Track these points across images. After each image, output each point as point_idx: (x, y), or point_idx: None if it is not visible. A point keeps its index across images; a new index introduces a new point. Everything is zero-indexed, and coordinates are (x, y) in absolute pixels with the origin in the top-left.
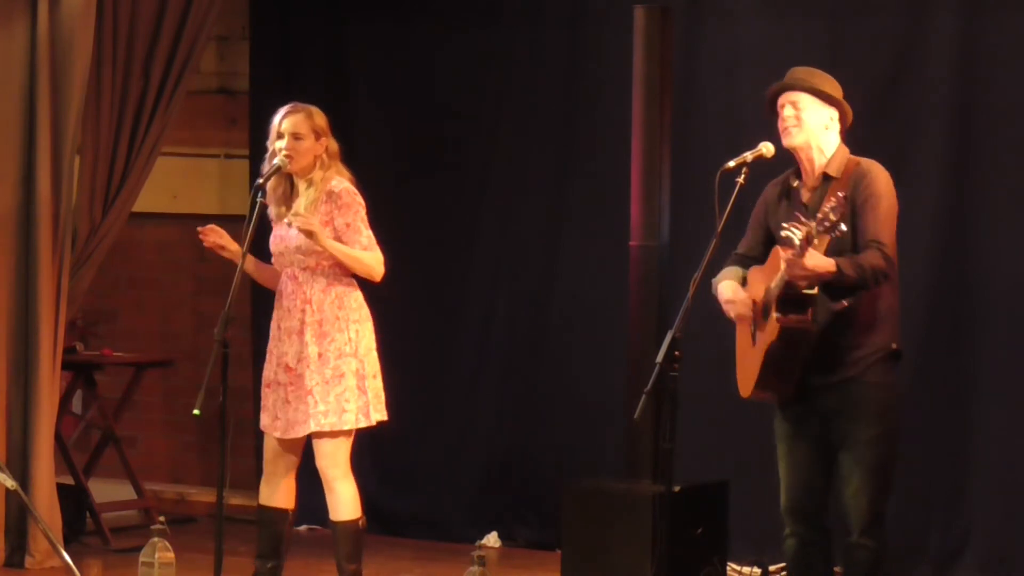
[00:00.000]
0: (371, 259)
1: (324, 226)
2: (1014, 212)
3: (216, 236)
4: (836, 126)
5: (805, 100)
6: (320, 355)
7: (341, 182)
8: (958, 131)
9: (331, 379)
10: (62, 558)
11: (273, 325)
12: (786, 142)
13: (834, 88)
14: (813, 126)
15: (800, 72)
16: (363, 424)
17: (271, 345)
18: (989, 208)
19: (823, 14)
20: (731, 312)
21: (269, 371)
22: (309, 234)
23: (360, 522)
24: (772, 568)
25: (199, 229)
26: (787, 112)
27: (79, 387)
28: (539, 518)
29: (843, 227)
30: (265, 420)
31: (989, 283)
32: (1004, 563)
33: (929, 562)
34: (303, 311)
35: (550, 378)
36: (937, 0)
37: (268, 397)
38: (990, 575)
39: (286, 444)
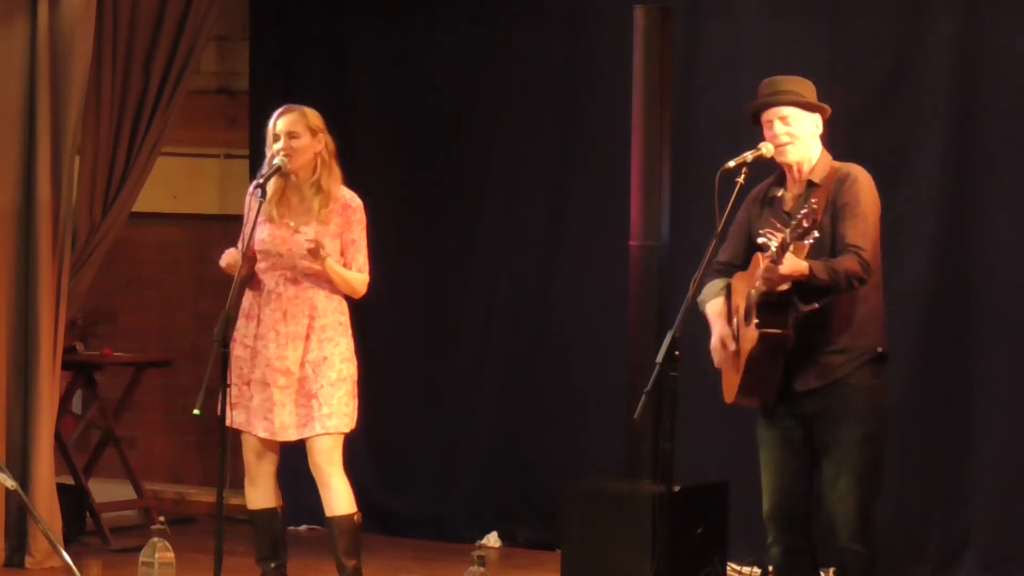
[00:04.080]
0: (359, 282)
1: (335, 237)
2: (1014, 213)
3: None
4: (820, 130)
5: (794, 114)
6: (325, 359)
7: (355, 197)
8: (958, 131)
9: (336, 382)
10: (62, 558)
11: (263, 324)
12: (781, 159)
13: (812, 92)
14: (806, 138)
15: (781, 84)
16: (352, 426)
17: (255, 344)
18: (989, 209)
19: (823, 14)
20: (716, 359)
21: (247, 368)
22: (314, 257)
23: (356, 517)
24: (771, 569)
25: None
26: (778, 129)
27: (79, 387)
28: (539, 518)
29: (816, 233)
30: (240, 417)
31: (988, 284)
32: (1004, 563)
33: (929, 562)
34: (310, 316)
35: (550, 378)
36: (937, 1)
37: (247, 396)
38: (990, 575)
39: (270, 444)
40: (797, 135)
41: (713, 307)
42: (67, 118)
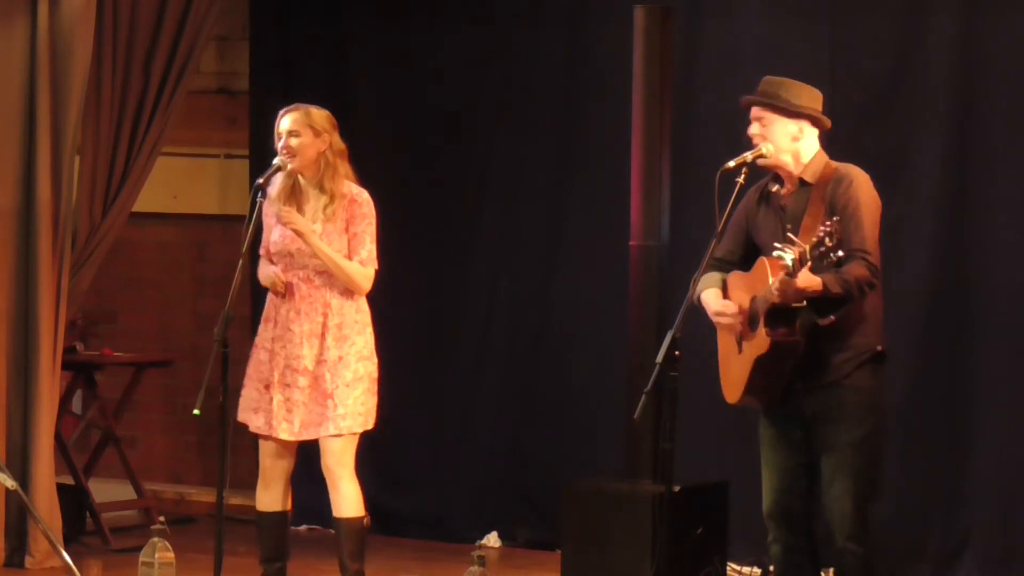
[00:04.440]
0: (357, 272)
1: (343, 232)
2: (1014, 213)
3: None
4: (809, 134)
5: (769, 116)
6: (340, 358)
7: (362, 192)
8: (958, 131)
9: (352, 382)
10: (62, 558)
11: (279, 325)
12: (758, 161)
13: (805, 97)
14: (780, 141)
15: (768, 85)
16: (368, 427)
17: (273, 346)
18: (989, 209)
19: (823, 14)
20: (722, 322)
21: (267, 371)
22: (298, 234)
23: (364, 520)
24: (772, 568)
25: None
26: (753, 130)
27: (79, 387)
28: (539, 518)
29: (840, 253)
30: (259, 421)
31: (988, 284)
32: (1004, 563)
33: (929, 562)
34: (324, 315)
35: (550, 378)
36: (937, 1)
37: (267, 399)
38: (990, 575)
39: (287, 446)
40: (767, 136)
41: (708, 293)
42: (67, 118)
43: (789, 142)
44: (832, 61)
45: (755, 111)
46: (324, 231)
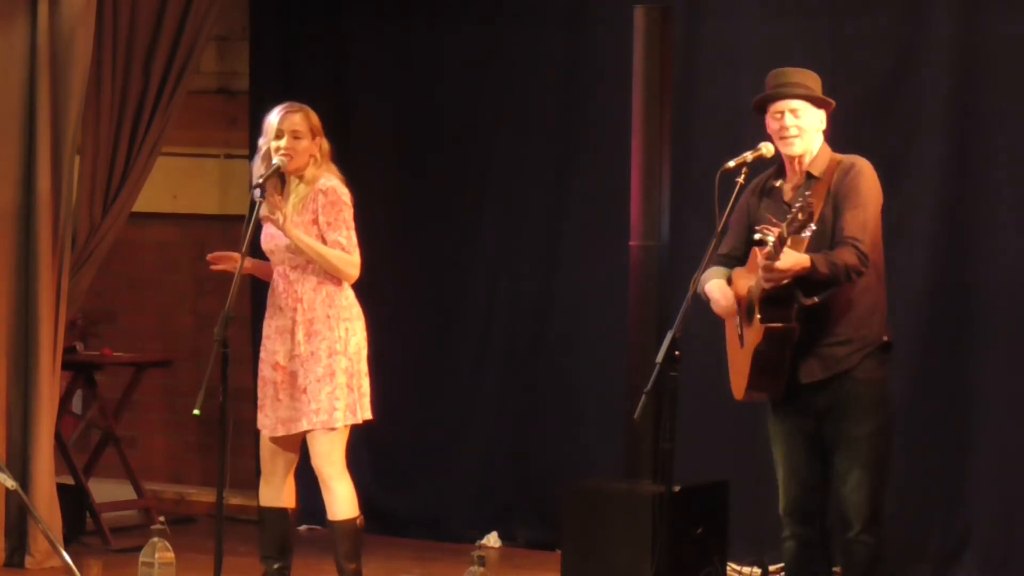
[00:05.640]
0: (339, 259)
1: (311, 224)
2: (1014, 212)
3: (227, 262)
4: (824, 125)
5: (804, 107)
6: (312, 353)
7: (330, 179)
8: (958, 131)
9: (323, 377)
10: (62, 558)
11: (266, 324)
12: (787, 150)
13: (820, 85)
14: (812, 132)
15: (792, 75)
16: (351, 421)
17: (265, 343)
18: (989, 208)
19: (823, 14)
20: (717, 309)
21: (265, 370)
22: (276, 223)
23: (358, 520)
24: (772, 568)
25: (209, 258)
26: (788, 121)
27: (79, 387)
28: (539, 518)
29: (813, 226)
30: (261, 419)
31: (989, 283)
32: (1004, 563)
33: (929, 562)
34: (295, 310)
35: (550, 378)
36: (937, 1)
37: (264, 396)
38: (990, 575)
39: (282, 443)
40: (804, 128)
41: (712, 284)
42: (67, 118)
43: (816, 133)
44: (832, 61)
45: (786, 103)
46: (293, 223)
